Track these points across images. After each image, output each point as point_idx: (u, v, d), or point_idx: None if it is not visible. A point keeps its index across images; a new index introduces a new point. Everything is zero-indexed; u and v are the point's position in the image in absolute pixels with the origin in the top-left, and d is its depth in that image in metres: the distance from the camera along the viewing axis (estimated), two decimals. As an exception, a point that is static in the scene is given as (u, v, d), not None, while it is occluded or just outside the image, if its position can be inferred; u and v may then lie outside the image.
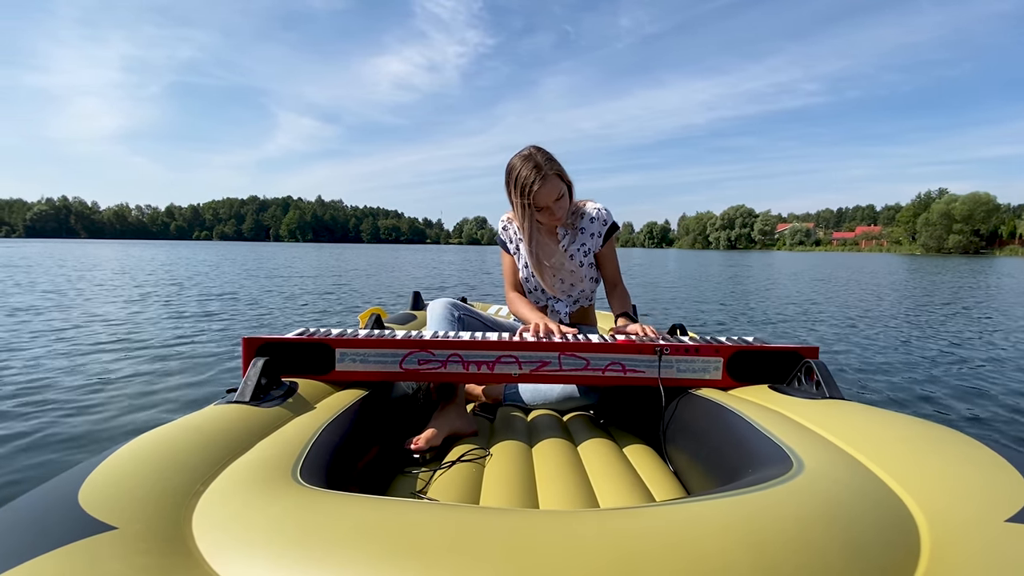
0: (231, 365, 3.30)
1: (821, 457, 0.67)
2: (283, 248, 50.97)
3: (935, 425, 0.74)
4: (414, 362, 1.11)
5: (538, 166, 1.36)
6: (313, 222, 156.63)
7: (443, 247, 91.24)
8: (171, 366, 3.24)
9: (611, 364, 1.12)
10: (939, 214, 52.82)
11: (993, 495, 0.54)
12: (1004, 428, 2.38)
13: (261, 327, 4.87)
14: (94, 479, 0.56)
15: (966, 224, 52.00)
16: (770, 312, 6.73)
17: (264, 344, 1.07)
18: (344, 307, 6.59)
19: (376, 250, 44.79)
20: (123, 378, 2.93)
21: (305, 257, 22.56)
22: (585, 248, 1.54)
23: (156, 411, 2.41)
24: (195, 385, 2.85)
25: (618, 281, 1.58)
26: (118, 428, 2.18)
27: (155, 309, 5.78)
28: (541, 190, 1.37)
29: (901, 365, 3.61)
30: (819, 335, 4.92)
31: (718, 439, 0.91)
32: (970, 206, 52.08)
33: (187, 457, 0.64)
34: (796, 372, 1.07)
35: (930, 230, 53.49)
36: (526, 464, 1.05)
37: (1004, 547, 0.46)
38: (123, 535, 0.46)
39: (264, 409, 0.86)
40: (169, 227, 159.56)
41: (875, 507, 0.55)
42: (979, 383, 3.15)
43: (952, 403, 2.75)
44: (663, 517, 0.51)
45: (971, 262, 28.62)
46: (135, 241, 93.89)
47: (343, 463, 0.83)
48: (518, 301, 1.53)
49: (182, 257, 20.88)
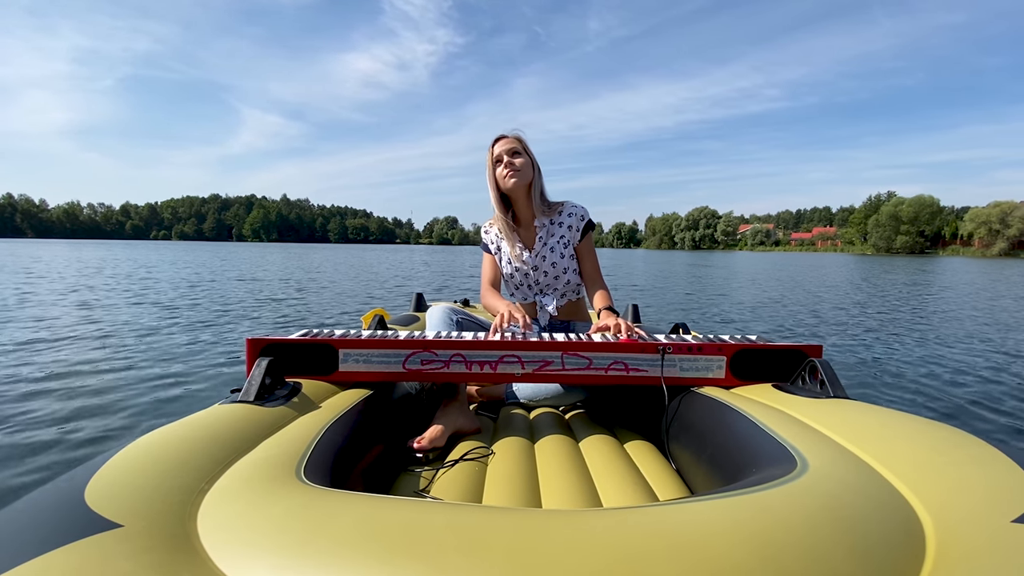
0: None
1: (826, 457, 0.67)
2: (245, 248, 47.90)
3: (941, 425, 0.74)
4: (417, 362, 1.11)
5: (505, 132, 1.56)
6: (278, 221, 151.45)
7: (413, 247, 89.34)
8: (173, 367, 3.26)
9: (614, 363, 1.12)
10: (888, 216, 56.09)
11: (999, 495, 0.53)
12: (1010, 426, 2.37)
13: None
14: (100, 477, 0.56)
15: (912, 225, 55.30)
16: (729, 310, 7.14)
17: (268, 345, 1.08)
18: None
19: (344, 250, 42.99)
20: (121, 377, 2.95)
21: (259, 259, 21.54)
22: (564, 240, 1.60)
23: (156, 411, 2.42)
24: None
25: (597, 277, 1.62)
26: (124, 427, 2.19)
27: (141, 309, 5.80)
28: (500, 142, 1.53)
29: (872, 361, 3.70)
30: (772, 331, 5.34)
31: (721, 438, 0.91)
32: (916, 208, 55.40)
33: (192, 456, 0.64)
34: (800, 371, 1.07)
35: (880, 231, 56.44)
36: (529, 462, 1.05)
37: (1010, 548, 0.45)
38: (129, 533, 0.47)
39: (268, 409, 0.86)
40: (124, 226, 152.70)
41: (880, 507, 0.54)
42: (980, 382, 3.14)
43: (959, 403, 2.74)
44: (667, 517, 0.50)
45: (918, 261, 30.81)
46: (87, 241, 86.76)
47: (347, 462, 0.83)
48: (489, 294, 1.61)
49: (128, 258, 19.91)
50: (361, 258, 25.75)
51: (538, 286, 1.62)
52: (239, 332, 4.53)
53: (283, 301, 7.13)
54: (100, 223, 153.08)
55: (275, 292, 8.28)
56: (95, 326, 4.63)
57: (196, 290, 8.12)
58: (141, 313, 5.53)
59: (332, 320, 5.56)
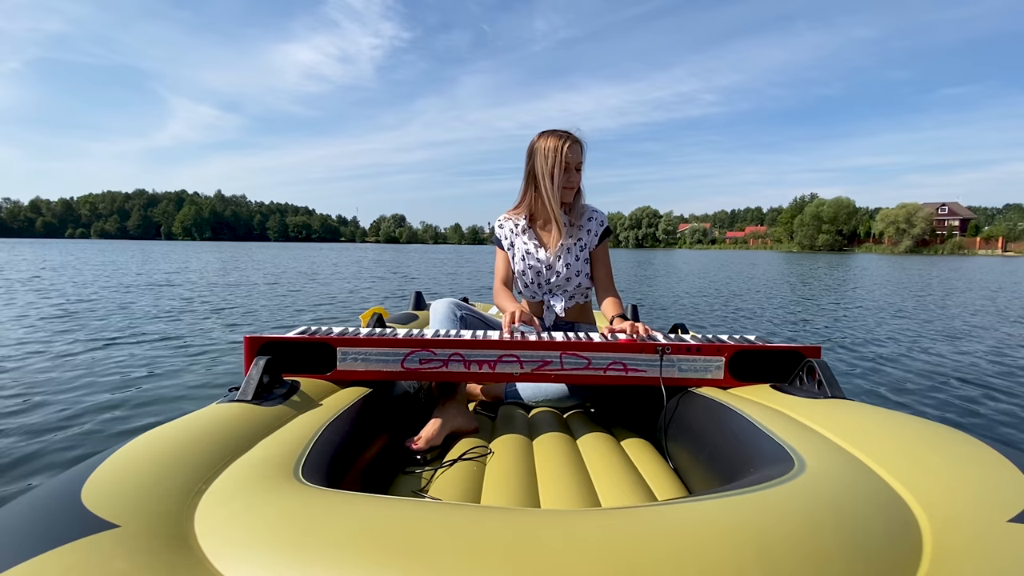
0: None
1: (823, 457, 0.67)
2: (166, 247, 41.51)
3: (938, 425, 0.74)
4: (415, 361, 1.11)
5: (573, 131, 1.52)
6: (212, 219, 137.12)
7: (359, 246, 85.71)
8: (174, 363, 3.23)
9: (612, 363, 1.12)
10: (811, 216, 61.00)
11: (996, 495, 0.53)
12: (1007, 424, 2.38)
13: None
14: (97, 477, 0.56)
15: (832, 225, 60.16)
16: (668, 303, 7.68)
17: (266, 343, 1.07)
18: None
19: (281, 249, 39.95)
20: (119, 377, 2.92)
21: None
22: (582, 243, 1.59)
23: (155, 411, 2.42)
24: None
25: (610, 283, 1.61)
26: (121, 427, 2.18)
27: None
28: (574, 145, 1.50)
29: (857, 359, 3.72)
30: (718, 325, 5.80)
31: (720, 438, 0.91)
32: (835, 209, 60.24)
33: (189, 455, 0.64)
34: (798, 371, 1.07)
35: (804, 230, 61.40)
36: (527, 462, 1.05)
37: (1006, 547, 0.46)
38: (126, 533, 0.47)
39: (266, 408, 0.86)
40: (35, 223, 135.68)
41: (877, 507, 0.54)
42: (982, 383, 3.15)
43: (955, 402, 2.75)
44: (665, 517, 0.50)
45: (837, 257, 34.50)
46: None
47: (344, 462, 0.83)
48: (501, 293, 1.60)
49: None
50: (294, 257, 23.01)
51: (548, 286, 1.61)
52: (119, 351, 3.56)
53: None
54: (6, 220, 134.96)
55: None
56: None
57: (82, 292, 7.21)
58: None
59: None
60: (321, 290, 8.71)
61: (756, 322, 5.84)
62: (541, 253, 1.58)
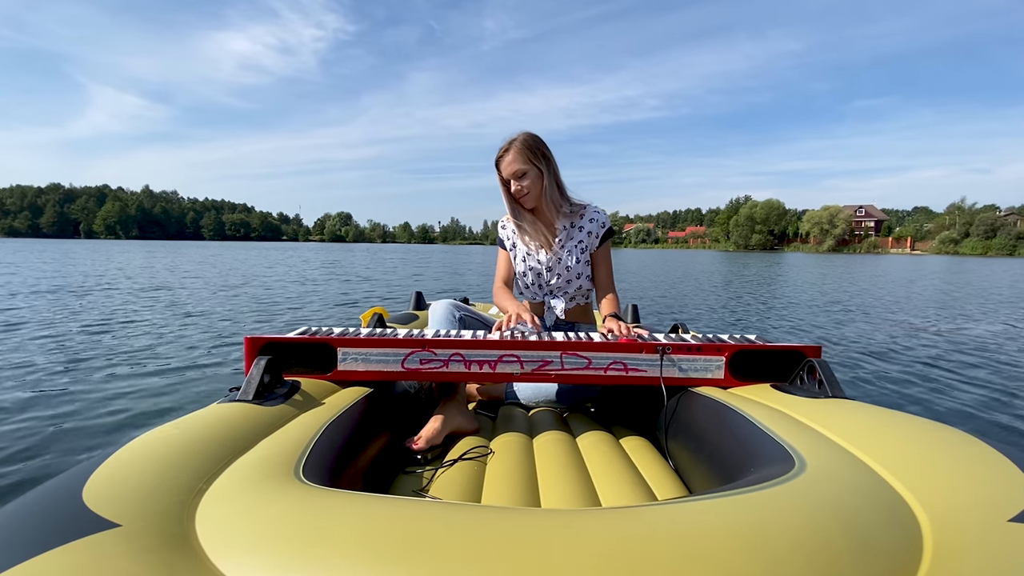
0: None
1: (824, 456, 0.67)
2: (81, 246, 35.84)
3: (938, 424, 0.74)
4: (416, 361, 1.11)
5: (511, 140, 1.49)
6: (139, 216, 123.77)
7: (301, 244, 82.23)
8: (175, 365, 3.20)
9: (613, 363, 1.12)
10: (745, 217, 65.38)
11: (996, 495, 0.53)
12: (1007, 424, 2.38)
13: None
14: (98, 477, 0.56)
15: (764, 225, 64.78)
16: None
17: (267, 343, 1.08)
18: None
19: (213, 248, 36.19)
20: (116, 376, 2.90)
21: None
22: (582, 245, 1.58)
23: (156, 411, 2.42)
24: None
25: (610, 285, 1.61)
26: (122, 426, 2.18)
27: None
28: (503, 162, 1.49)
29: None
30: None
31: (720, 438, 0.91)
32: (767, 211, 65.27)
33: (190, 455, 0.64)
34: (798, 371, 1.07)
35: (739, 230, 66.19)
36: (528, 461, 1.05)
37: (1007, 547, 0.46)
38: (127, 533, 0.47)
39: (267, 408, 0.86)
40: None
41: (878, 507, 0.54)
42: (983, 382, 3.15)
43: (952, 403, 2.75)
44: (665, 516, 0.51)
45: (769, 256, 38.15)
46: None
47: (345, 461, 0.83)
48: (501, 293, 1.60)
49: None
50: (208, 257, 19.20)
51: (549, 287, 1.61)
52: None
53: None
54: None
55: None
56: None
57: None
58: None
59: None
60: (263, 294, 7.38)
61: (741, 318, 6.19)
62: (541, 255, 1.58)
